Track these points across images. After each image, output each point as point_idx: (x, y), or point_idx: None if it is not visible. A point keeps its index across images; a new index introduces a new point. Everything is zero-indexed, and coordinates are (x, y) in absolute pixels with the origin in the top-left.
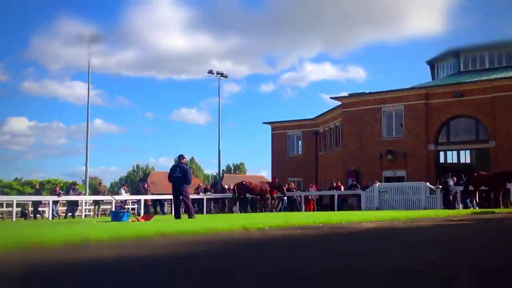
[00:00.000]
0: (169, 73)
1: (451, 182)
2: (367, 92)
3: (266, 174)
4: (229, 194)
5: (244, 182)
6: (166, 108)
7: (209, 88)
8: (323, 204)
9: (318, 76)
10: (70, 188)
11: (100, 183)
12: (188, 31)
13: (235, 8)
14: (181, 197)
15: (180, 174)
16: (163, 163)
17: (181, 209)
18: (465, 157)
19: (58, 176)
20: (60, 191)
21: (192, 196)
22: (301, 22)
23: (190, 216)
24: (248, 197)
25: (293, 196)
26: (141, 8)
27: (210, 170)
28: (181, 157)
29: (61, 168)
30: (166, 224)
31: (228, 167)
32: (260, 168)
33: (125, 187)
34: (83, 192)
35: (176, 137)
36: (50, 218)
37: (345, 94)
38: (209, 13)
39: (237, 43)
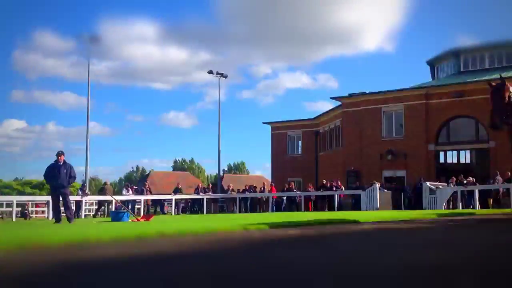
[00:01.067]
0: (147, 82)
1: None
2: (367, 92)
3: (266, 174)
4: (229, 194)
5: None
6: (154, 112)
7: (191, 94)
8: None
9: (293, 85)
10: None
11: (106, 183)
12: (160, 44)
13: (206, 26)
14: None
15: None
16: (158, 164)
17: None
18: (465, 157)
19: None
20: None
21: (192, 196)
22: (266, 39)
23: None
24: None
25: (293, 197)
26: (115, 23)
27: (210, 170)
28: (59, 154)
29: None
30: (166, 224)
31: (229, 166)
32: (260, 168)
33: (132, 187)
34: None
35: (164, 139)
36: (50, 218)
37: (345, 94)
38: (180, 28)
39: (209, 57)
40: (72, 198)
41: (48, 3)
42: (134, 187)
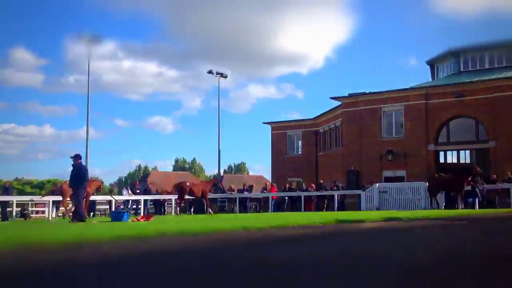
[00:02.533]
0: (121, 93)
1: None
2: (367, 92)
3: (266, 174)
4: (229, 195)
5: (181, 183)
6: (138, 116)
7: (159, 103)
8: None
9: (262, 94)
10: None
11: (112, 191)
12: (127, 59)
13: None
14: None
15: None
16: (157, 163)
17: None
18: (465, 157)
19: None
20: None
21: (192, 196)
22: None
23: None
24: (189, 198)
25: (294, 196)
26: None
27: (210, 170)
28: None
29: (51, 170)
30: (166, 224)
31: (229, 166)
32: (260, 169)
33: (127, 188)
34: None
35: (148, 143)
36: (50, 219)
37: (345, 94)
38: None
39: (176, 72)
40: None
41: (20, 21)
42: (136, 188)
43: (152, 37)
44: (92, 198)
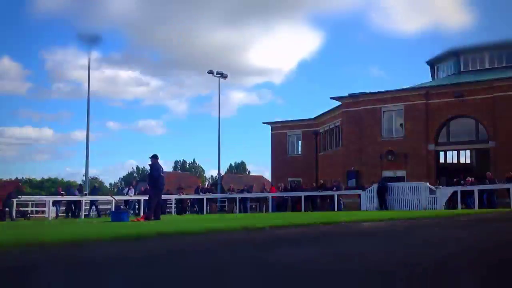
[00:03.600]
0: (111, 100)
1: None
2: (367, 92)
3: (266, 174)
4: (229, 195)
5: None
6: (127, 120)
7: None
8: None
9: (245, 101)
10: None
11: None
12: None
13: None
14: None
15: (163, 174)
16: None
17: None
18: (465, 157)
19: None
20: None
21: (192, 196)
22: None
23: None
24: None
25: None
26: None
27: (210, 171)
28: (155, 157)
29: (47, 171)
30: (166, 224)
31: (230, 166)
32: (260, 169)
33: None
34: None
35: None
36: (50, 218)
37: (345, 94)
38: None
39: (159, 80)
40: (72, 198)
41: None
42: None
43: (128, 49)
44: (91, 198)
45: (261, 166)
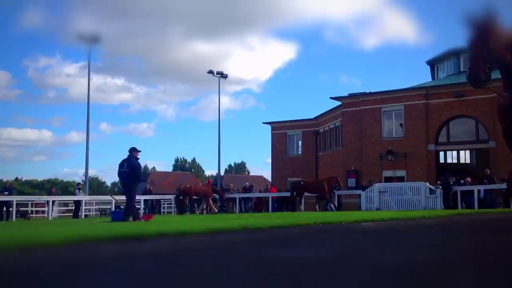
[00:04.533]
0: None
1: (451, 182)
2: (367, 92)
3: (267, 174)
4: (229, 195)
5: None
6: (119, 122)
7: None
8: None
9: (230, 106)
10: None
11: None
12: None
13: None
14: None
15: (127, 169)
16: (154, 164)
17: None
18: (465, 157)
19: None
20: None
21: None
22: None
23: (125, 219)
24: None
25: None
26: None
27: (211, 170)
28: (132, 150)
29: (44, 171)
30: (166, 224)
31: (230, 166)
32: (261, 168)
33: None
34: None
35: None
36: (50, 218)
37: (345, 94)
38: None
39: (144, 88)
40: (71, 198)
41: None
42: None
43: (110, 59)
44: (91, 198)
45: (254, 167)
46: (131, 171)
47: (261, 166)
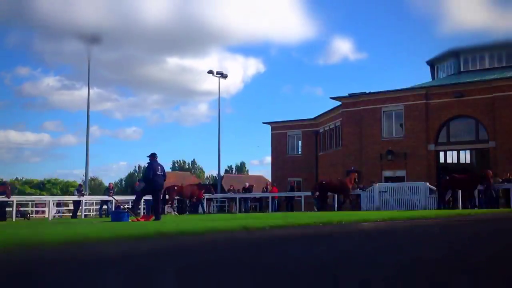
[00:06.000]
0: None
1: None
2: (367, 92)
3: (266, 174)
4: (229, 195)
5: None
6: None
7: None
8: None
9: (208, 113)
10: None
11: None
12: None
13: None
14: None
15: (162, 172)
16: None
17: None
18: (465, 157)
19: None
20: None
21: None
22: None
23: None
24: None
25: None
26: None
27: (210, 170)
28: (154, 155)
29: (42, 172)
30: (166, 224)
31: (230, 167)
32: (261, 168)
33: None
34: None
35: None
36: (50, 219)
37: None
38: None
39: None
40: (71, 198)
41: None
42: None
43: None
44: (91, 198)
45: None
46: (164, 175)
47: (254, 168)
